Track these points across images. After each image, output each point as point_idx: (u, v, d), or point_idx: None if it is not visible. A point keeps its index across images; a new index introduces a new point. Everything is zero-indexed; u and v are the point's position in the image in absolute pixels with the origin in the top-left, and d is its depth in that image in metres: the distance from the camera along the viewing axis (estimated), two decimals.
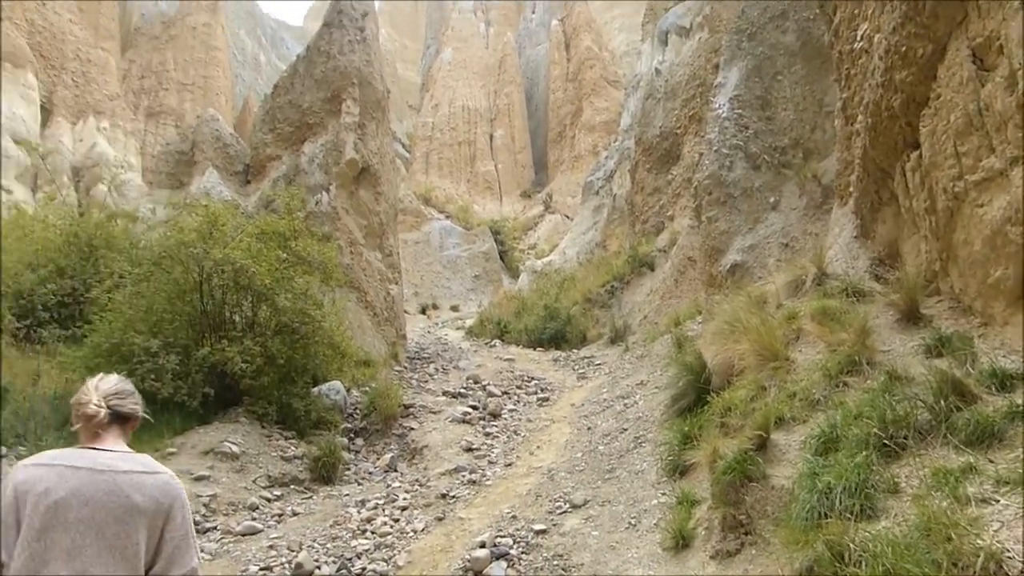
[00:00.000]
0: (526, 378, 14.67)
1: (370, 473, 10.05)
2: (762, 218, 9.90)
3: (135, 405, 2.51)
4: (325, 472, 9.60)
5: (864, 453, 3.95)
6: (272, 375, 10.58)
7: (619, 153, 26.66)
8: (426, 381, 14.67)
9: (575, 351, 17.35)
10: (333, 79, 17.42)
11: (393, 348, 17.29)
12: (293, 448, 10.00)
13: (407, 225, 34.61)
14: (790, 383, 5.70)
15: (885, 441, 4.01)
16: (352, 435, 11.52)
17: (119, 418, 2.43)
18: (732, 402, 6.17)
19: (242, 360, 9.98)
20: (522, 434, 10.54)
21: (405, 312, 20.52)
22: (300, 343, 11.04)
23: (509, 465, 9.06)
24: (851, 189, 6.88)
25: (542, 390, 13.59)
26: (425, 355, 18.14)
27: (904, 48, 5.14)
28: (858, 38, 6.35)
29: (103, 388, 2.44)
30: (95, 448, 2.32)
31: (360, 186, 17.20)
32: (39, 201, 31.49)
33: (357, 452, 10.99)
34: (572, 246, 28.86)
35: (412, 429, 11.32)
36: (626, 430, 8.77)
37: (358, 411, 12.23)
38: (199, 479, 8.41)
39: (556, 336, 18.64)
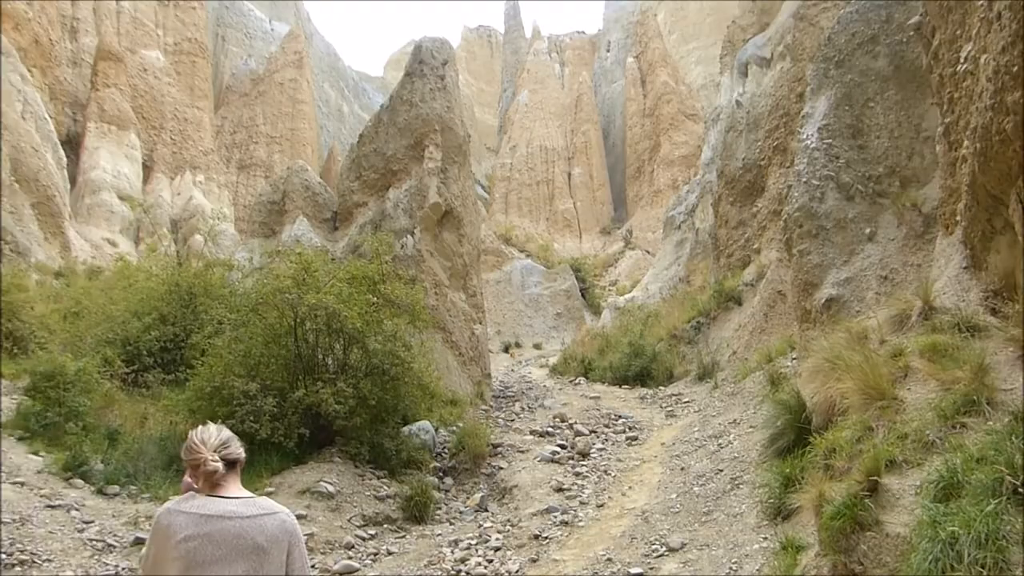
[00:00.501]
0: (613, 416, 14.48)
1: (461, 512, 10.06)
2: (858, 250, 9.57)
3: (239, 449, 2.81)
4: (417, 511, 9.66)
5: (995, 501, 3.71)
6: (364, 415, 10.76)
7: (700, 187, 26.36)
8: (512, 420, 14.64)
9: (662, 388, 17.04)
10: (416, 126, 17.87)
11: (479, 387, 17.37)
12: (385, 487, 10.11)
13: (489, 265, 34.92)
14: (900, 424, 5.43)
15: (1019, 488, 3.76)
16: (442, 474, 11.58)
17: (231, 464, 2.74)
18: (836, 443, 5.91)
19: (335, 401, 10.21)
20: (612, 474, 10.38)
21: (489, 351, 20.61)
22: (390, 384, 11.22)
23: (601, 506, 8.91)
24: (958, 218, 6.58)
25: (630, 428, 13.37)
26: (510, 394, 18.15)
27: (1015, 68, 4.93)
28: (961, 60, 6.12)
29: (211, 443, 2.71)
30: (220, 496, 2.65)
31: (444, 229, 17.49)
32: (142, 253, 33.26)
33: (447, 491, 11.02)
34: (655, 282, 28.55)
35: (501, 468, 11.29)
36: (722, 471, 8.52)
37: (447, 450, 12.30)
38: (297, 518, 8.55)
39: (642, 373, 18.36)
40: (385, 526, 9.24)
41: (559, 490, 9.88)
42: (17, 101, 30.51)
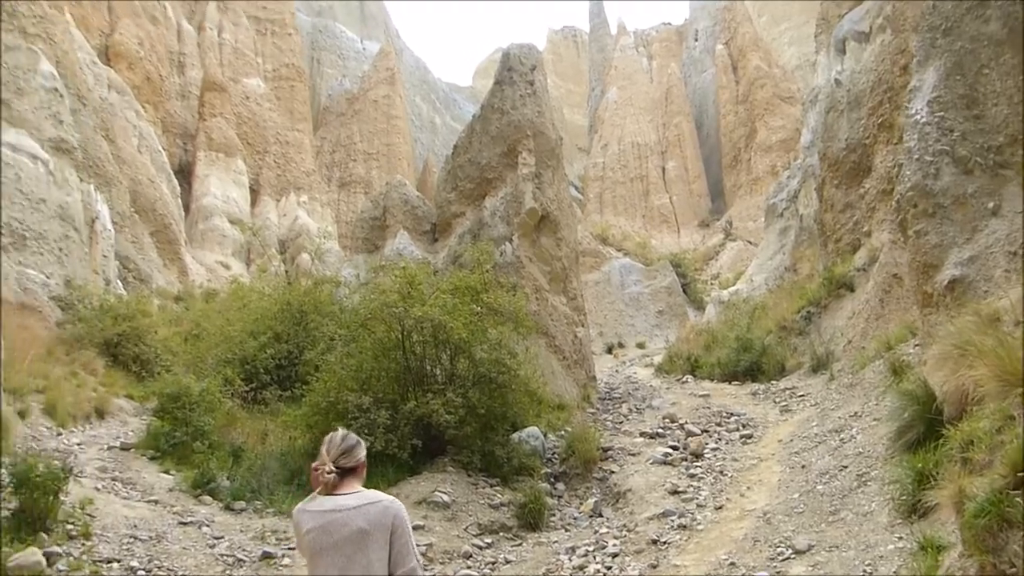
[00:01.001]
0: (725, 414, 14.10)
1: (575, 519, 10.00)
2: (981, 226, 8.98)
3: (357, 458, 3.33)
4: (532, 519, 9.67)
5: None
6: (474, 424, 10.87)
7: (802, 171, 25.42)
8: (621, 422, 14.48)
9: (774, 383, 16.48)
10: (508, 133, 17.98)
11: (584, 390, 17.29)
12: (499, 495, 10.17)
13: (587, 266, 34.76)
14: None
15: None
16: (553, 480, 11.55)
17: (348, 471, 3.29)
18: (973, 434, 5.55)
19: (446, 411, 10.34)
20: (729, 474, 10.10)
21: (592, 353, 20.49)
22: (498, 392, 11.29)
23: (719, 508, 8.68)
24: None
25: (743, 426, 12.98)
26: (616, 395, 17.97)
27: None
28: None
29: (333, 454, 3.27)
30: (334, 494, 3.23)
31: (541, 233, 17.52)
32: (253, 273, 34.77)
33: (560, 497, 10.99)
34: (759, 272, 27.72)
35: (613, 472, 11.17)
36: (846, 467, 8.15)
37: (556, 456, 12.27)
38: (415, 529, 8.68)
39: (751, 368, 17.82)
40: (501, 534, 9.29)
41: (674, 492, 9.69)
42: (133, 136, 32.50)
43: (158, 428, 11.86)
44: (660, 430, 13.19)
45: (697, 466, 10.81)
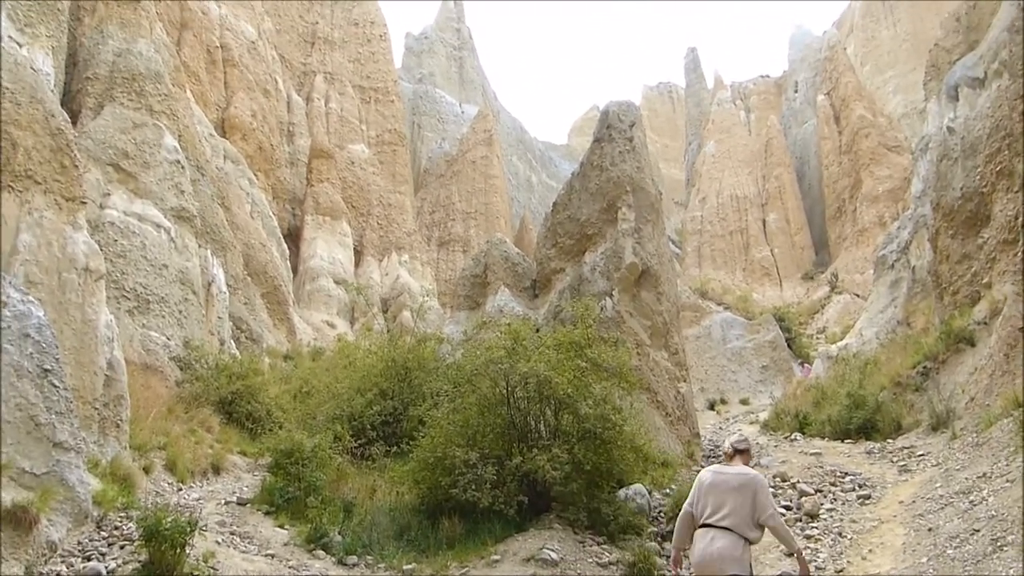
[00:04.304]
0: (839, 473, 13.52)
1: None
2: None
3: (745, 447, 5.77)
4: None
5: None
6: (580, 481, 10.81)
7: (913, 222, 24.55)
8: None
9: (890, 441, 15.72)
10: (607, 189, 18.18)
11: (688, 447, 16.96)
12: (607, 554, 10.04)
13: (687, 320, 34.27)
14: None
15: None
16: (660, 539, 11.31)
17: (738, 452, 5.73)
18: None
19: (552, 467, 10.34)
20: (848, 536, 9.69)
21: (695, 409, 20.10)
22: (603, 448, 11.22)
23: (840, 571, 8.35)
24: None
25: (860, 486, 12.43)
26: (721, 453, 17.50)
27: None
28: None
29: (730, 440, 5.84)
30: (728, 465, 5.68)
31: (641, 288, 17.50)
32: (357, 332, 35.84)
33: (668, 557, 10.74)
34: (869, 326, 26.67)
35: None
36: (978, 531, 7.72)
37: (663, 514, 12.02)
38: None
39: (865, 426, 17.04)
40: None
41: (791, 555, 9.33)
42: (246, 203, 34.34)
43: (272, 484, 12.08)
44: (771, 489, 12.74)
45: (813, 527, 10.42)
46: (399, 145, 53.42)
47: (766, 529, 5.39)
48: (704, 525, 5.40)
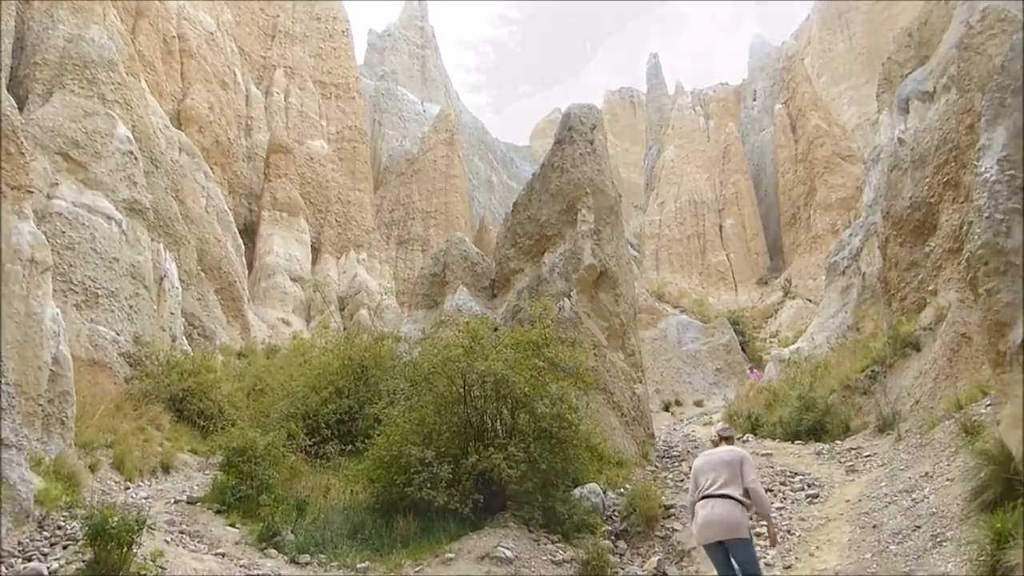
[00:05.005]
0: (789, 473, 13.78)
1: None
2: None
3: (729, 434, 7.20)
4: None
5: None
6: (536, 480, 10.84)
7: (864, 229, 25.14)
8: (681, 480, 14.26)
9: (838, 442, 16.07)
10: (568, 191, 18.27)
11: (643, 447, 17.12)
12: (561, 552, 10.09)
13: (643, 323, 34.60)
14: None
15: None
16: (614, 538, 11.40)
17: (724, 439, 7.07)
18: None
19: (508, 466, 10.36)
20: (796, 534, 9.88)
21: (650, 410, 20.30)
22: (559, 447, 11.27)
23: (788, 567, 8.51)
24: None
25: (809, 486, 12.68)
26: (675, 453, 17.73)
27: None
28: None
29: (716, 429, 7.35)
30: (716, 448, 6.94)
31: (600, 289, 17.62)
32: (313, 329, 35.43)
33: (621, 555, 10.83)
34: (820, 331, 27.23)
35: (676, 531, 11.01)
36: (920, 527, 7.94)
37: (617, 513, 12.12)
38: None
39: (815, 427, 17.40)
40: None
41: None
42: (201, 197, 33.71)
43: (224, 482, 11.81)
44: None
45: (763, 525, 10.58)
46: (359, 142, 53.03)
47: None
48: (704, 497, 6.41)
